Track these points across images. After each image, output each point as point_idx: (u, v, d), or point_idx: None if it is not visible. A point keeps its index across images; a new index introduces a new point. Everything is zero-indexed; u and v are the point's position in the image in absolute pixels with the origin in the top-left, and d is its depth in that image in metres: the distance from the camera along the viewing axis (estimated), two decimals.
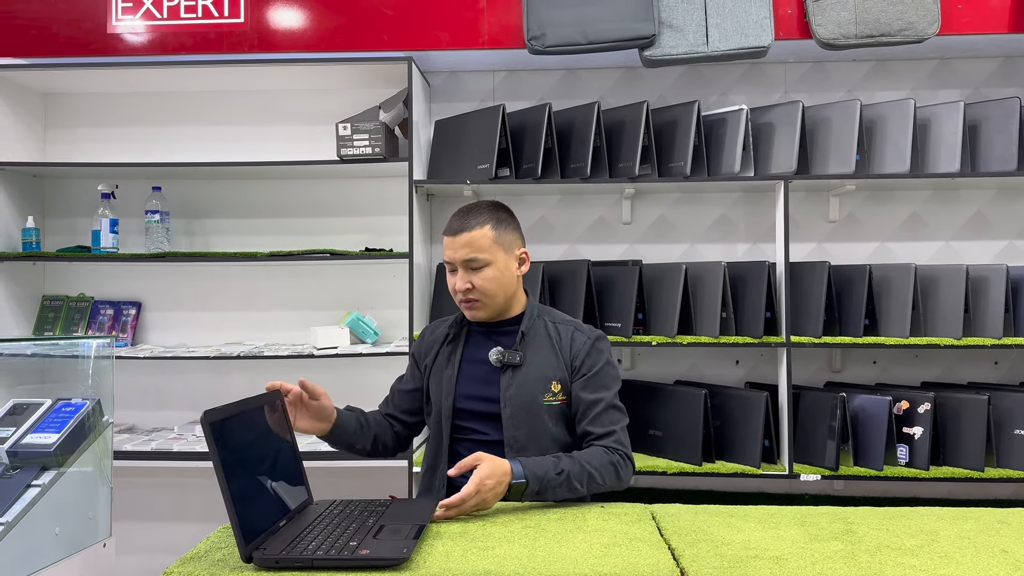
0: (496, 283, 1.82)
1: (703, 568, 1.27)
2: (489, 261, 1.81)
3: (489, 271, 1.81)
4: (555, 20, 2.64)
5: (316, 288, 3.08)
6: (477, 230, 1.81)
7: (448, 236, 1.83)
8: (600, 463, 1.71)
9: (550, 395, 1.82)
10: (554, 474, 1.63)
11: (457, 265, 1.82)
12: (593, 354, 1.84)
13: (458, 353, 1.90)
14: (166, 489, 3.07)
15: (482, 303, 1.83)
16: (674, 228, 3.01)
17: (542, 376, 1.82)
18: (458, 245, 1.81)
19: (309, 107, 3.09)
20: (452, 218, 1.86)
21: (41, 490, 1.73)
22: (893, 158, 2.68)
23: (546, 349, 1.85)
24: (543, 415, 1.81)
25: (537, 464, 1.63)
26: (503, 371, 1.83)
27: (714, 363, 2.98)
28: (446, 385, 1.88)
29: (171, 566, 1.30)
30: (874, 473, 2.53)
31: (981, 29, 2.63)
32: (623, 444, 1.78)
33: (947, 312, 2.61)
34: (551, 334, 1.87)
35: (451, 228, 1.83)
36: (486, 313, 1.86)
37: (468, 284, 1.81)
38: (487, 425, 1.84)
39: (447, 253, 1.84)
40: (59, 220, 3.13)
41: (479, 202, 1.89)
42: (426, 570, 1.27)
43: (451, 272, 1.85)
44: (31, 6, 2.81)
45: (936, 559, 1.31)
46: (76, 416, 1.85)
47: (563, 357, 1.84)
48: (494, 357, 1.83)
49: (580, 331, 1.88)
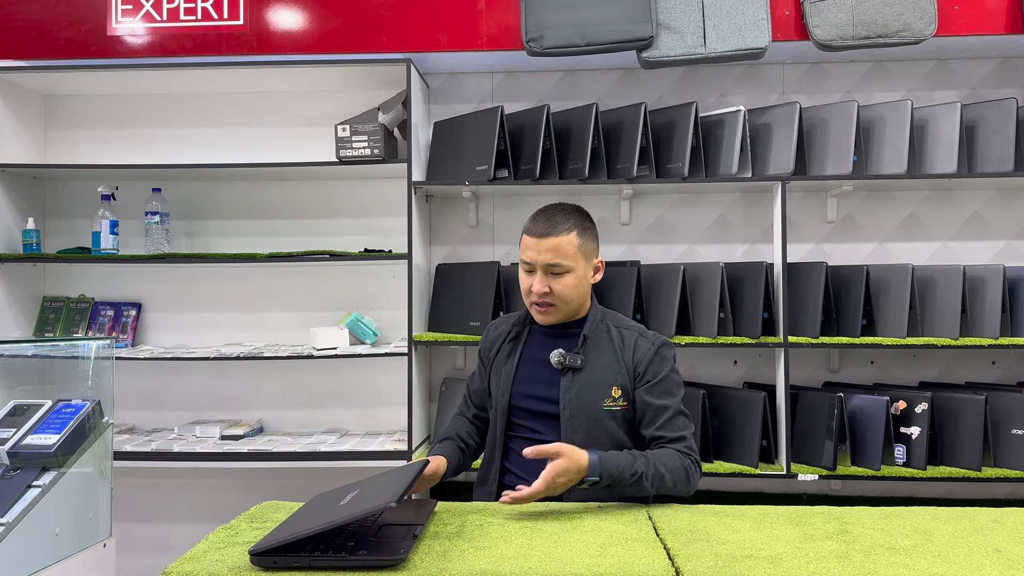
0: (574, 290, 1.80)
1: (698, 567, 1.28)
2: (571, 268, 1.79)
3: (570, 278, 1.79)
4: (553, 22, 2.65)
5: (315, 289, 3.09)
6: (564, 236, 1.78)
7: (533, 237, 1.79)
8: (673, 466, 1.70)
9: (611, 400, 1.80)
10: (628, 475, 1.63)
11: (538, 267, 1.79)
12: (657, 360, 1.81)
13: (518, 351, 1.90)
14: (166, 490, 3.09)
15: (556, 308, 1.81)
16: (672, 229, 3.02)
17: (603, 381, 1.80)
18: (543, 248, 1.77)
19: (308, 109, 3.10)
20: (536, 218, 1.82)
21: (42, 491, 1.74)
22: (891, 159, 2.69)
23: (608, 354, 1.83)
24: (603, 420, 1.79)
25: (613, 463, 1.63)
26: (564, 373, 1.81)
27: (712, 363, 2.99)
28: (504, 381, 1.88)
29: (170, 566, 1.31)
30: (871, 473, 2.54)
31: (978, 30, 2.63)
32: (694, 450, 1.77)
33: (944, 312, 2.62)
34: (614, 339, 1.85)
35: (536, 230, 1.79)
36: (557, 317, 1.84)
37: (546, 288, 1.78)
38: (544, 425, 1.83)
39: (528, 253, 1.79)
40: (59, 221, 3.14)
41: (564, 205, 1.86)
42: (423, 570, 1.28)
43: (528, 272, 1.82)
44: (31, 8, 2.82)
45: (930, 558, 1.32)
46: (76, 417, 1.87)
47: (625, 362, 1.82)
48: (555, 359, 1.81)
49: (644, 337, 1.85)
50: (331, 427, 3.07)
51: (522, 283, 1.84)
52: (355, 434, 2.97)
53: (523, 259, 1.82)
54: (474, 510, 1.63)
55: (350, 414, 3.08)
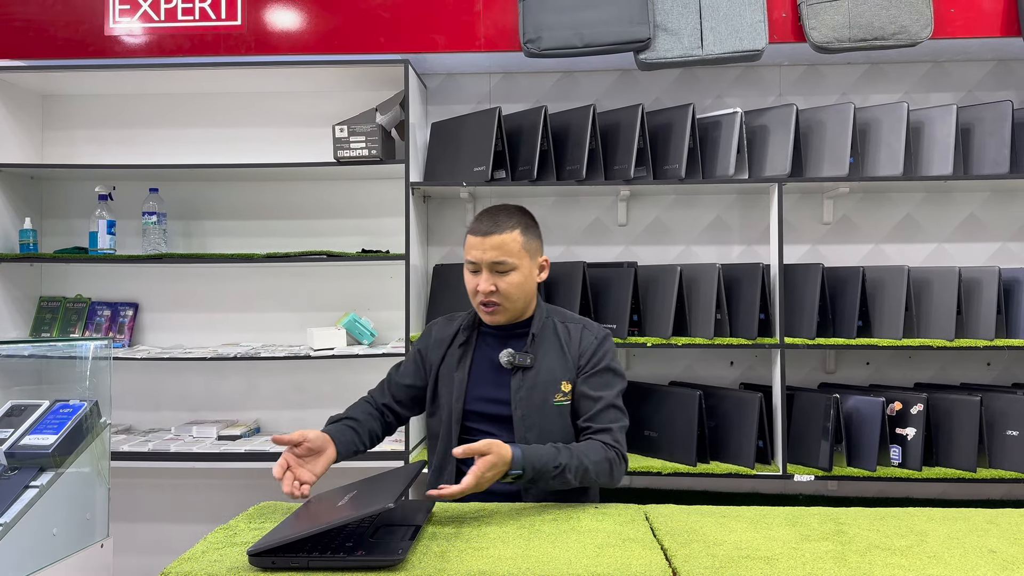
0: (520, 288, 1.83)
1: (695, 568, 1.29)
2: (516, 266, 1.81)
3: (515, 276, 1.82)
4: (551, 23, 2.65)
5: (313, 289, 3.09)
6: (508, 233, 1.81)
7: (477, 236, 1.82)
8: (597, 459, 1.72)
9: (561, 395, 1.83)
10: (551, 467, 1.64)
11: (483, 266, 1.81)
12: (599, 352, 1.86)
13: (469, 355, 1.90)
14: (163, 490, 3.09)
15: (503, 307, 1.83)
16: (669, 230, 3.03)
17: (552, 377, 1.83)
18: (487, 246, 1.80)
19: (306, 109, 3.10)
20: (480, 218, 1.85)
21: (39, 491, 1.74)
22: (887, 161, 2.70)
23: (555, 350, 1.86)
24: (554, 416, 1.82)
25: (537, 456, 1.63)
26: (513, 373, 1.84)
27: (709, 364, 2.99)
28: (457, 388, 1.87)
29: (169, 566, 1.31)
30: (867, 474, 2.55)
31: (973, 33, 2.65)
32: (620, 443, 1.79)
33: (940, 314, 2.63)
34: (560, 334, 1.88)
35: (480, 229, 1.82)
36: (504, 317, 1.86)
37: (492, 287, 1.80)
38: (497, 427, 1.84)
39: (473, 253, 1.82)
40: (56, 221, 3.14)
41: (506, 205, 1.89)
42: (421, 570, 1.28)
43: (473, 272, 1.84)
44: (29, 8, 2.82)
45: (925, 559, 1.33)
46: (74, 417, 1.87)
47: (571, 356, 1.85)
48: (505, 359, 1.83)
49: (588, 329, 1.90)
50: None
51: (468, 283, 1.86)
52: None
53: (468, 259, 1.84)
54: (471, 511, 1.64)
55: None
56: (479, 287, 1.82)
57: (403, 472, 1.58)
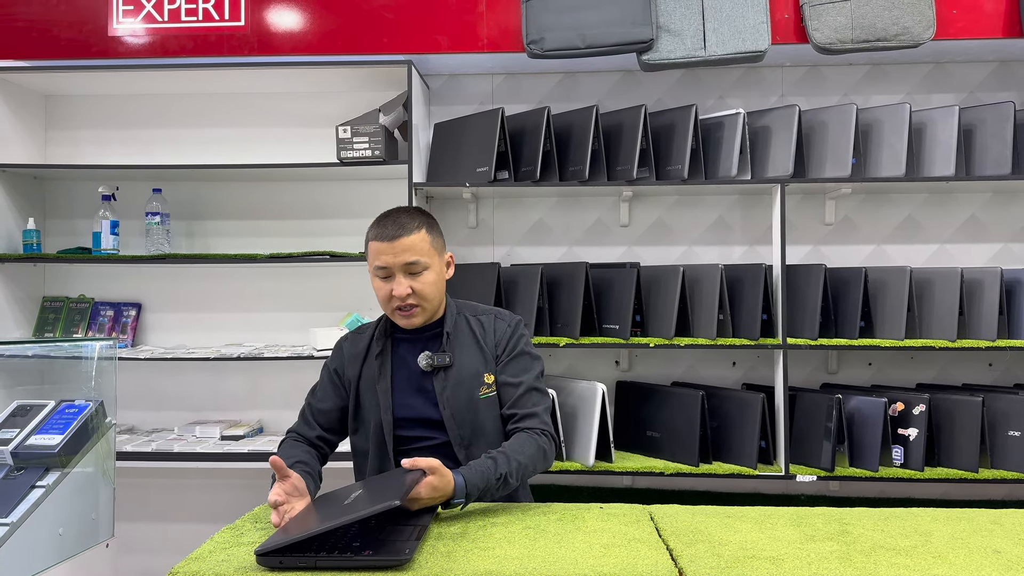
0: (435, 287, 1.81)
1: (701, 568, 1.29)
2: (428, 265, 1.79)
3: (428, 275, 1.79)
4: (554, 24, 2.66)
5: (316, 290, 3.09)
6: (416, 234, 1.77)
7: (383, 242, 1.76)
8: (530, 452, 1.72)
9: (485, 388, 1.82)
10: (495, 480, 1.63)
11: (395, 270, 1.77)
12: (514, 338, 1.87)
13: (388, 364, 1.86)
14: (166, 490, 3.09)
15: (421, 308, 1.80)
16: (671, 231, 3.03)
17: (474, 371, 1.83)
18: (398, 250, 1.75)
19: (309, 110, 3.10)
20: (382, 223, 1.80)
21: (45, 491, 1.75)
22: (889, 162, 2.70)
23: (472, 345, 1.85)
24: (483, 409, 1.82)
25: (479, 476, 1.61)
26: (435, 374, 1.82)
27: (711, 365, 3.00)
28: (383, 399, 1.83)
29: (176, 566, 1.31)
30: (869, 474, 2.55)
31: (976, 34, 2.65)
32: (546, 424, 1.80)
33: (942, 314, 2.64)
34: (474, 328, 1.87)
35: (386, 234, 1.77)
36: (422, 319, 1.82)
37: (409, 289, 1.76)
38: (430, 430, 1.82)
39: (383, 259, 1.76)
40: (60, 222, 3.15)
41: (404, 207, 1.86)
42: (428, 571, 1.28)
43: (384, 279, 1.78)
44: (32, 8, 2.83)
45: (929, 559, 1.33)
46: (80, 417, 1.87)
47: (488, 347, 1.85)
48: (424, 362, 1.81)
49: (500, 319, 1.90)
50: None
51: (379, 292, 1.80)
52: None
53: (377, 266, 1.78)
54: (477, 511, 1.64)
55: None
56: (394, 292, 1.76)
57: (407, 472, 1.58)
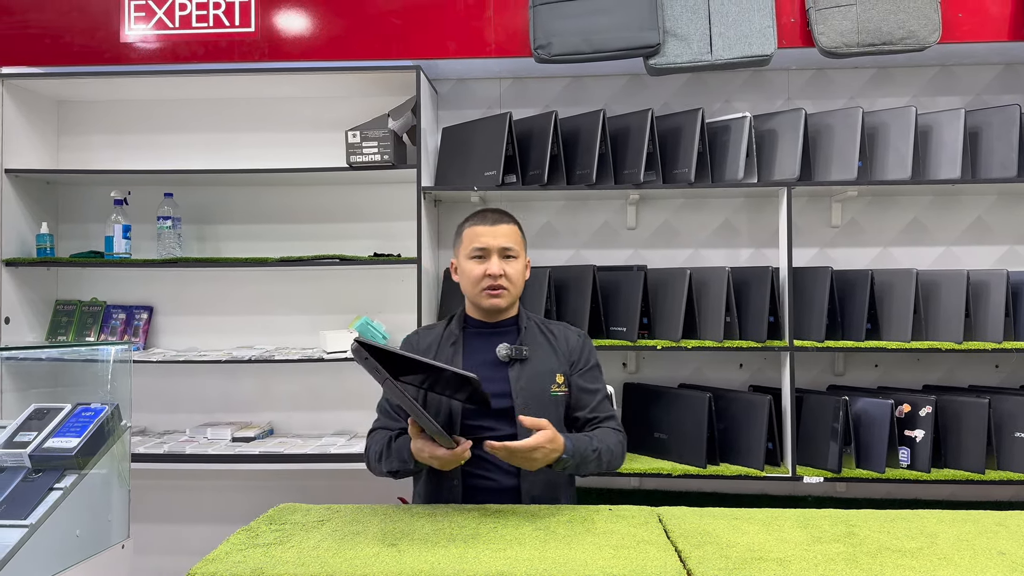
0: (521, 276, 1.96)
1: (709, 570, 1.31)
2: (518, 255, 1.95)
3: (518, 264, 1.95)
4: (561, 29, 2.68)
5: (326, 293, 3.12)
6: (512, 225, 1.97)
7: (485, 225, 1.94)
8: (615, 442, 1.88)
9: (556, 387, 1.93)
10: (591, 452, 1.79)
11: (493, 252, 1.92)
12: (587, 350, 2.01)
13: (460, 353, 1.95)
14: (178, 491, 3.12)
15: (508, 291, 1.93)
16: (678, 234, 3.05)
17: (547, 369, 1.93)
18: (498, 234, 1.93)
19: (319, 115, 3.13)
20: (480, 214, 1.97)
21: (63, 493, 1.78)
22: (895, 164, 2.72)
23: (545, 346, 1.96)
24: (551, 406, 1.90)
25: (581, 443, 1.78)
26: (511, 365, 1.90)
27: (718, 367, 3.01)
28: None
29: (194, 567, 1.34)
30: (876, 475, 2.56)
31: (981, 37, 2.66)
32: (622, 428, 1.98)
33: (948, 316, 2.65)
34: (546, 333, 1.99)
35: (487, 219, 1.95)
36: (506, 301, 1.94)
37: (502, 270, 1.91)
38: (497, 420, 1.88)
39: (483, 240, 1.92)
40: (72, 226, 3.18)
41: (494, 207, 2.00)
42: (440, 571, 1.31)
43: (480, 260, 1.93)
44: (45, 15, 2.86)
45: (935, 561, 1.35)
46: (96, 420, 1.90)
47: (562, 353, 1.96)
48: (503, 352, 1.90)
49: (570, 330, 2.04)
50: (341, 429, 3.10)
51: (472, 272, 1.93)
52: (365, 436, 2.99)
53: (476, 247, 1.93)
54: (487, 512, 1.67)
55: (360, 416, 3.11)
56: (488, 271, 1.91)
57: None
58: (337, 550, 1.43)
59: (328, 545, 1.46)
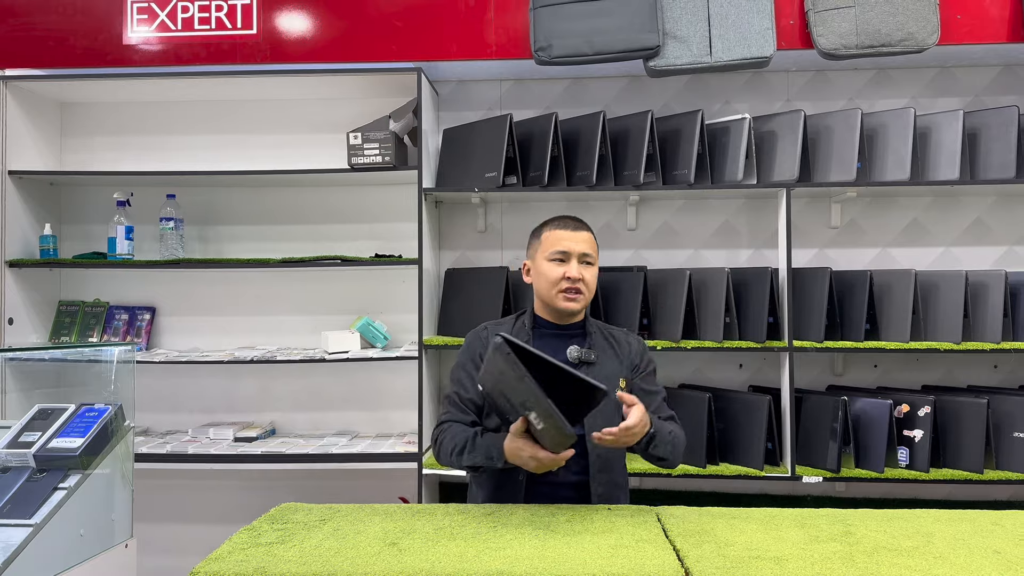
0: (595, 283, 2.01)
1: (707, 569, 1.32)
2: (593, 262, 2.00)
3: (593, 270, 2.00)
4: (561, 31, 2.69)
5: (327, 293, 3.13)
6: (591, 233, 2.02)
7: (567, 230, 1.98)
8: (679, 434, 1.93)
9: (619, 390, 1.92)
10: (667, 433, 1.85)
11: (574, 256, 1.95)
12: (646, 355, 2.07)
13: None
14: (181, 491, 3.13)
15: (583, 295, 1.96)
16: (678, 235, 3.06)
17: (613, 372, 1.96)
18: (580, 239, 1.97)
19: (320, 116, 3.15)
20: (561, 220, 2.02)
21: (67, 493, 1.79)
22: (894, 166, 2.73)
23: (609, 351, 2.00)
24: (615, 408, 1.88)
25: (658, 423, 1.85)
26: (579, 367, 1.92)
27: (718, 367, 3.03)
28: None
29: (197, 566, 1.35)
30: (875, 475, 2.57)
31: (980, 39, 2.67)
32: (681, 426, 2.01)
33: (947, 317, 2.66)
34: (608, 339, 2.03)
35: (569, 225, 1.99)
36: (581, 305, 1.97)
37: (581, 275, 1.94)
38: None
39: (565, 243, 1.95)
40: (75, 227, 3.20)
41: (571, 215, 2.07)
42: (440, 570, 1.32)
43: (559, 263, 1.95)
44: (48, 18, 2.88)
45: (931, 560, 1.36)
46: (100, 421, 1.92)
47: (624, 358, 2.01)
48: (574, 354, 1.94)
49: (630, 335, 2.09)
50: (342, 429, 3.12)
51: (551, 274, 1.95)
52: (366, 436, 3.02)
53: (558, 250, 1.96)
54: (486, 512, 1.68)
55: (361, 417, 3.13)
56: (568, 273, 1.94)
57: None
58: (339, 549, 1.44)
59: (330, 544, 1.47)
